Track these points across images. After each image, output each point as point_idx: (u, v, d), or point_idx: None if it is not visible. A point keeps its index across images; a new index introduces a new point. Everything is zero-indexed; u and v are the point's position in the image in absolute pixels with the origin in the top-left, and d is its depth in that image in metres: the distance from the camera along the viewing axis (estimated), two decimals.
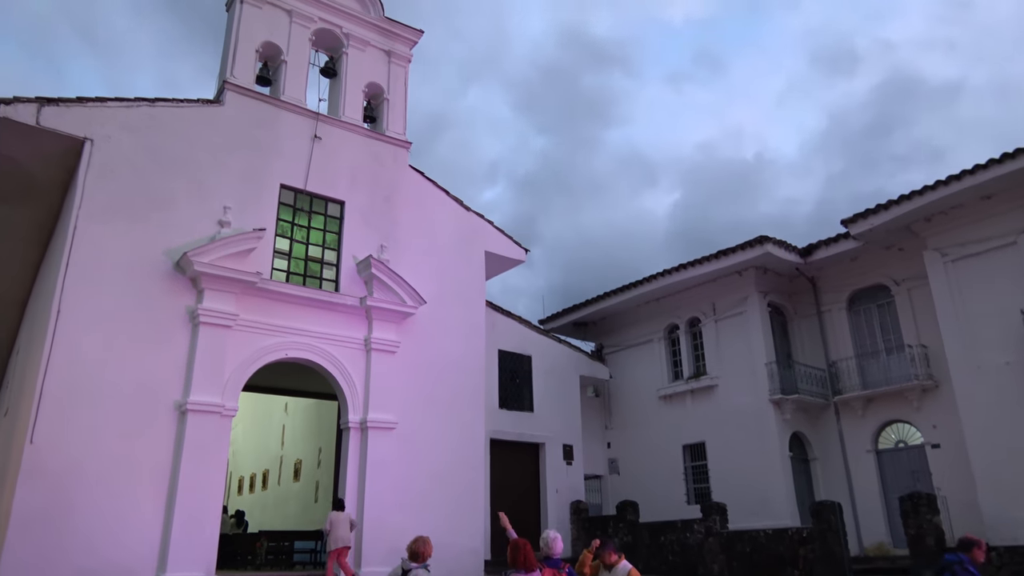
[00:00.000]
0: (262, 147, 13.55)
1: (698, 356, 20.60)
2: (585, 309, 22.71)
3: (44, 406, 10.46)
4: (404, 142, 15.63)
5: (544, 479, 18.52)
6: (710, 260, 19.11)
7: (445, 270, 15.41)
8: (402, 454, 13.55)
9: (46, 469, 10.26)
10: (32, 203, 13.56)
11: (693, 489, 19.84)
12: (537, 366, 19.25)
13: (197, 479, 11.28)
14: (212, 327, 12.01)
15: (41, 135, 11.49)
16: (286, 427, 21.17)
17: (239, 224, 12.73)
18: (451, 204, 16.14)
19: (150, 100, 12.60)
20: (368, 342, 13.70)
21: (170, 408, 11.46)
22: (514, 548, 6.22)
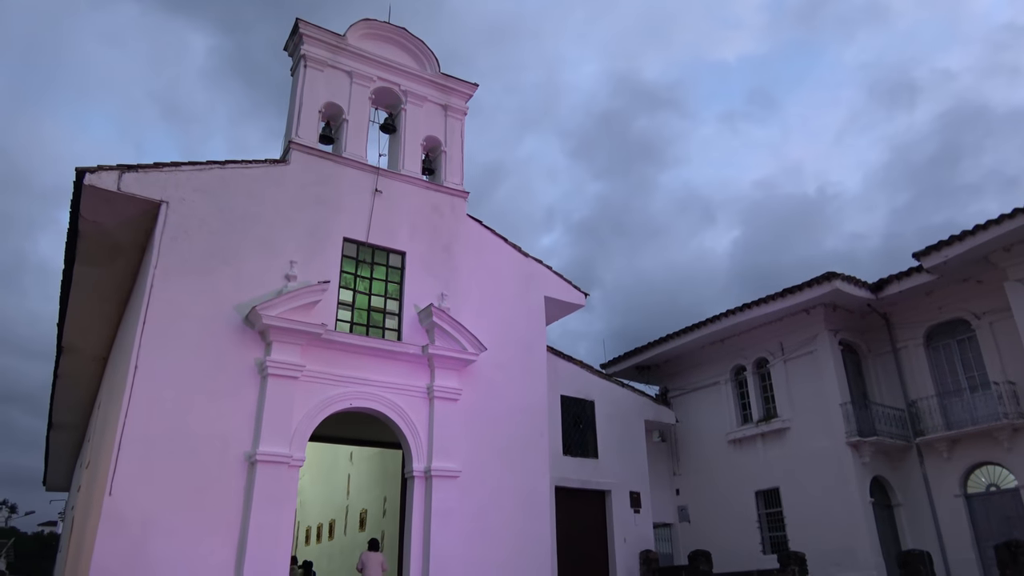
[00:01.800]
0: (326, 202, 14.01)
1: (767, 398, 19.95)
2: (648, 352, 22.37)
3: (122, 458, 10.84)
4: (462, 192, 15.92)
5: (611, 527, 18.04)
6: (776, 299, 18.64)
7: (505, 316, 15.47)
8: (466, 502, 13.45)
9: (124, 519, 10.57)
10: (113, 264, 14.31)
11: (768, 538, 19.01)
12: (600, 411, 18.95)
13: (266, 529, 11.42)
14: (280, 378, 12.30)
15: (121, 200, 12.18)
16: (351, 476, 21.31)
17: (304, 277, 13.11)
18: (509, 251, 16.28)
19: (221, 163, 13.23)
20: (431, 390, 13.78)
21: (240, 459, 11.71)
22: None
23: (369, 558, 13.65)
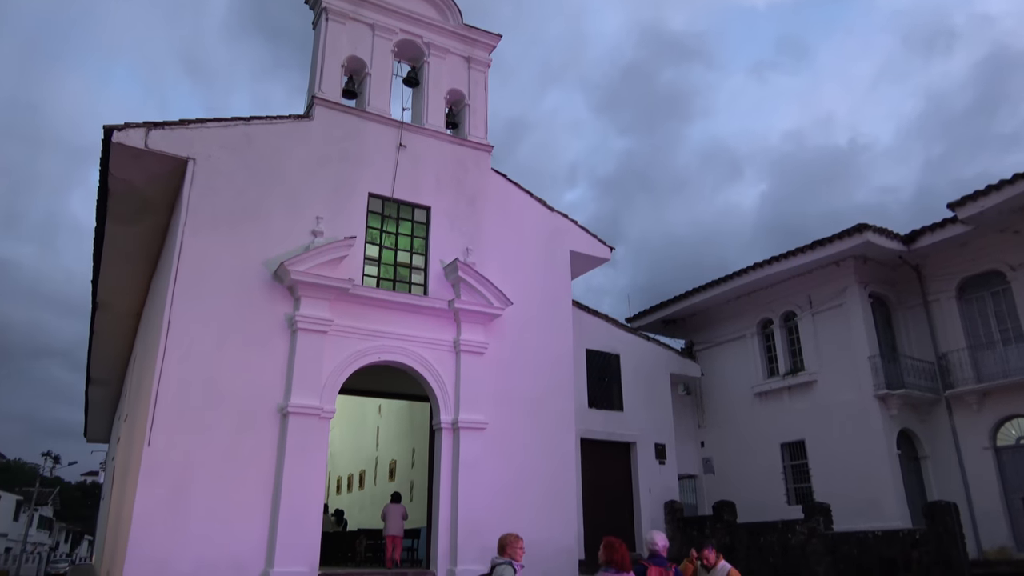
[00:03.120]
0: (350, 158, 14.00)
1: (794, 351, 19.86)
2: (673, 306, 22.30)
3: (159, 411, 11.16)
4: (486, 146, 15.80)
5: (636, 479, 18.28)
6: (805, 251, 18.39)
7: (531, 271, 15.48)
8: (494, 454, 13.68)
9: (163, 469, 10.94)
10: (144, 221, 14.51)
11: (793, 489, 19.14)
12: (626, 365, 19.03)
13: (299, 478, 11.76)
14: (309, 333, 12.50)
15: (149, 157, 12.28)
16: (380, 429, 21.74)
17: (331, 233, 13.20)
18: (534, 205, 16.20)
19: (246, 119, 13.24)
20: (457, 344, 13.92)
21: (273, 411, 12.00)
22: (608, 546, 6.10)
23: (390, 510, 14.62)
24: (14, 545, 53.02)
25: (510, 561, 6.30)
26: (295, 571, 11.22)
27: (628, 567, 6.00)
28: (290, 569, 11.20)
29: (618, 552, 6.03)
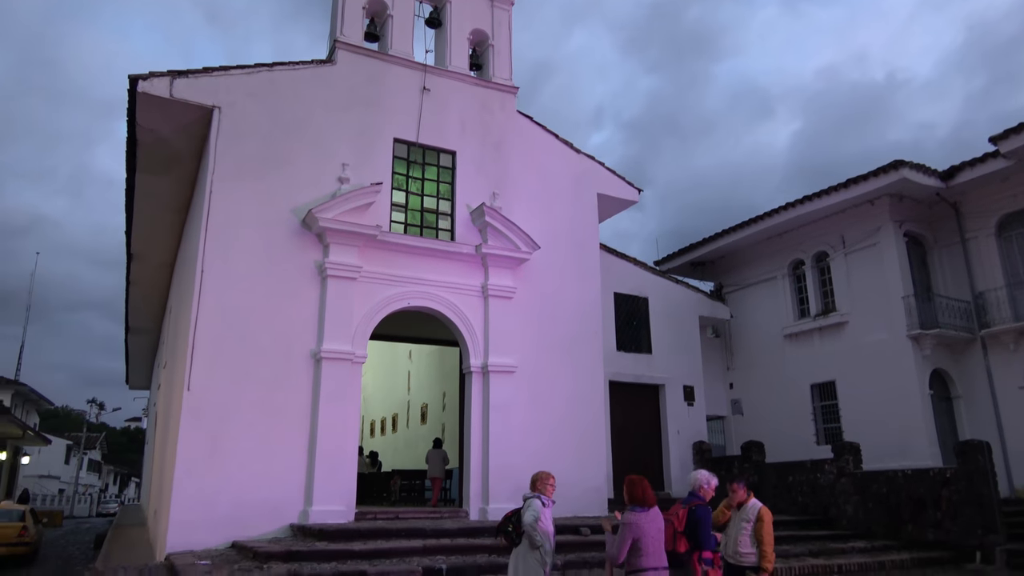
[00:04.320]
0: (374, 103, 13.87)
1: (826, 292, 19.62)
2: (702, 248, 22.06)
3: (197, 357, 11.43)
4: (511, 87, 15.53)
5: (665, 420, 18.44)
6: (839, 189, 17.97)
7: (558, 214, 15.37)
8: (523, 397, 13.86)
9: (203, 413, 11.27)
10: (172, 172, 14.61)
11: (823, 429, 19.17)
12: (654, 308, 18.99)
13: (334, 421, 12.06)
14: (339, 279, 12.62)
15: (175, 106, 12.27)
16: (411, 373, 22.11)
17: (357, 179, 13.18)
18: (561, 147, 15.98)
19: (268, 65, 13.12)
20: (485, 289, 13.97)
21: (306, 356, 12.23)
22: (631, 484, 6.19)
23: (432, 454, 15.47)
24: (67, 487, 55.55)
25: (540, 495, 6.46)
26: (333, 510, 11.60)
27: (652, 502, 6.11)
28: (328, 508, 11.58)
29: (639, 488, 6.16)
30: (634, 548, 5.90)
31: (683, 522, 6.32)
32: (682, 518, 6.32)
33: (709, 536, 6.25)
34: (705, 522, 6.28)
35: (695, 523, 6.26)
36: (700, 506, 6.38)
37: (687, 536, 6.27)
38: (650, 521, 6.01)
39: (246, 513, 11.09)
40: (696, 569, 6.09)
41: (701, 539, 6.21)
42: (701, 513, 6.31)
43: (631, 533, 5.91)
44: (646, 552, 5.89)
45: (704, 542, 6.20)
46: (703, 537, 6.21)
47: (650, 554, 5.90)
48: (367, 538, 10.63)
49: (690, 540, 6.23)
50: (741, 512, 7.01)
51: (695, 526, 6.25)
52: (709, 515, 6.38)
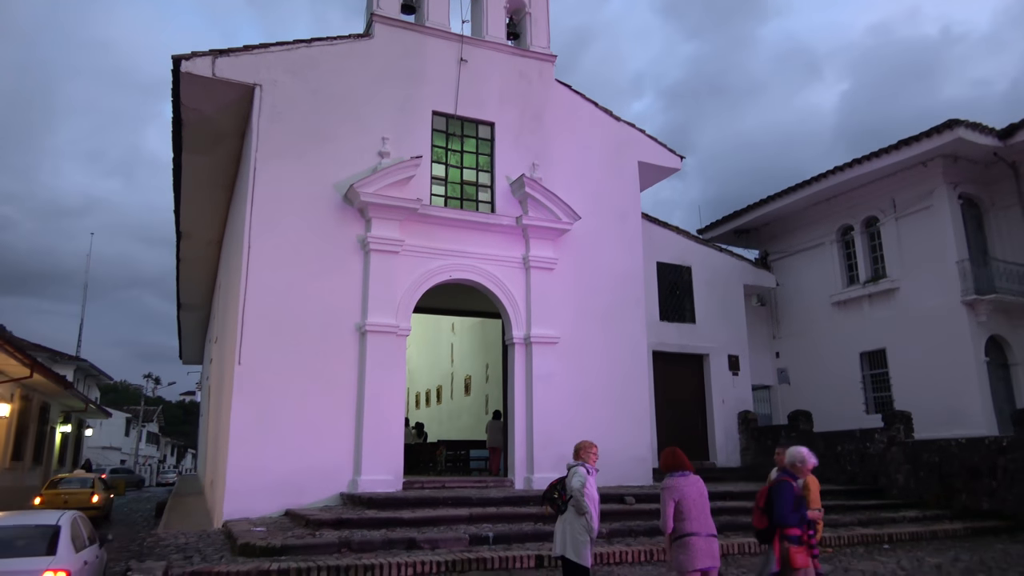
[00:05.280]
0: (412, 75, 13.85)
1: (876, 258, 19.10)
2: (747, 215, 21.63)
3: (246, 331, 11.72)
4: (549, 56, 15.33)
5: (709, 390, 18.30)
6: (890, 151, 17.38)
7: (599, 184, 15.23)
8: (566, 368, 13.89)
9: (254, 386, 11.58)
10: (217, 151, 14.86)
11: (872, 398, 18.80)
12: (698, 277, 18.76)
13: (380, 393, 12.27)
14: (381, 253, 12.75)
15: (218, 85, 12.45)
16: (454, 345, 22.32)
17: (397, 153, 13.23)
18: (601, 116, 15.77)
19: (307, 41, 13.19)
20: (526, 260, 13.96)
21: (352, 330, 12.43)
22: (668, 454, 6.25)
23: (491, 425, 15.72)
24: (127, 458, 57.87)
25: (584, 463, 6.50)
26: (381, 479, 11.87)
27: (688, 468, 6.15)
28: (376, 477, 11.84)
29: (673, 457, 6.23)
30: (678, 513, 5.94)
31: (764, 497, 6.17)
32: (763, 493, 6.18)
33: (788, 512, 5.99)
34: (783, 497, 6.04)
35: (772, 498, 6.07)
36: (781, 482, 6.17)
37: (767, 512, 6.09)
38: (690, 485, 6.05)
39: (298, 482, 11.42)
40: (775, 546, 5.90)
41: (777, 515, 5.98)
42: (780, 488, 6.11)
43: (671, 496, 5.98)
44: (689, 516, 5.91)
45: (781, 518, 5.96)
46: (780, 513, 5.97)
47: (694, 518, 5.91)
48: (415, 506, 10.86)
49: (769, 516, 6.03)
50: None
51: (773, 501, 6.05)
52: (790, 491, 6.10)
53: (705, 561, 5.87)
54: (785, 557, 5.91)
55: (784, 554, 5.92)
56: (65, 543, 6.78)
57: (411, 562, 8.25)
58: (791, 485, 6.14)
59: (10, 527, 7.12)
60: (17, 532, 6.96)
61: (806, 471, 6.33)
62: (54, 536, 6.81)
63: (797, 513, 6.05)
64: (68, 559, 6.55)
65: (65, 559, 6.52)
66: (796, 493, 6.12)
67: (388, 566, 8.12)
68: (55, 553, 6.56)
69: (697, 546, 5.85)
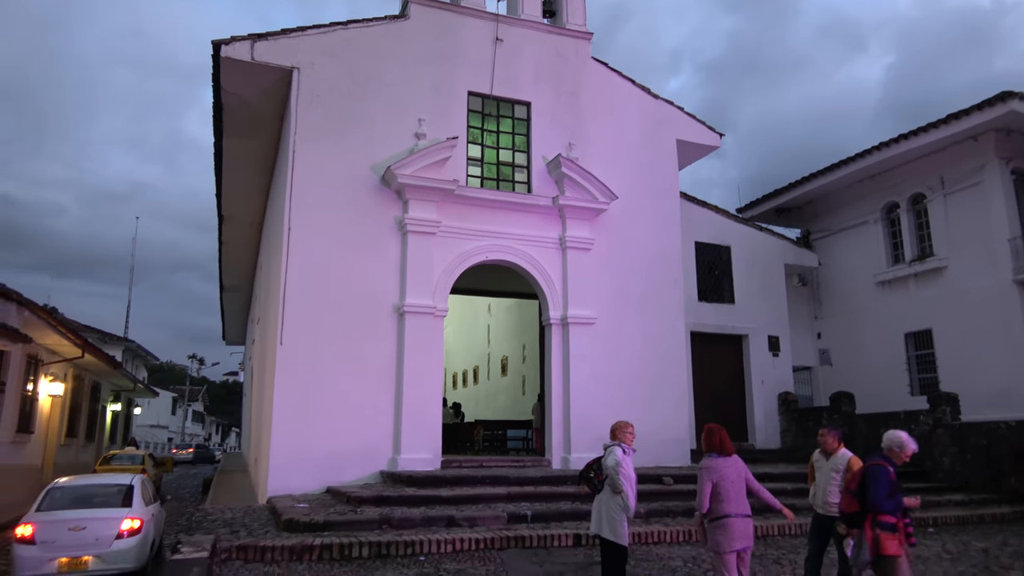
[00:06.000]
0: (448, 56, 13.82)
1: (923, 236, 18.57)
2: (788, 193, 21.18)
3: (287, 313, 11.93)
4: (585, 33, 15.14)
5: (748, 371, 18.09)
6: (938, 126, 16.82)
7: (636, 163, 15.06)
8: (603, 348, 13.86)
9: (296, 366, 11.80)
10: (257, 134, 15.06)
11: (917, 380, 18.38)
12: (737, 256, 18.49)
13: (419, 373, 12.41)
14: (418, 235, 12.82)
15: (256, 69, 12.59)
16: (491, 326, 22.41)
17: (433, 135, 13.24)
18: (638, 93, 15.56)
19: (343, 23, 13.24)
20: (563, 240, 13.91)
21: (390, 311, 12.57)
22: (708, 433, 6.18)
23: (536, 407, 15.87)
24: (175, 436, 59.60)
25: (620, 443, 6.50)
26: (420, 458, 12.02)
27: (730, 451, 6.08)
28: (415, 456, 12.01)
29: (716, 436, 6.14)
30: (715, 494, 5.92)
31: (856, 480, 5.87)
32: (856, 476, 5.90)
33: (883, 498, 5.64)
34: (878, 482, 5.68)
35: (867, 482, 5.72)
36: (874, 465, 5.84)
37: (859, 497, 5.77)
38: (728, 466, 6.01)
39: (339, 460, 11.64)
40: (867, 533, 5.62)
41: (871, 500, 5.63)
42: (872, 472, 5.77)
43: (708, 477, 5.95)
44: (726, 497, 5.88)
45: (876, 503, 5.61)
46: (874, 498, 5.62)
47: (731, 499, 5.88)
48: (453, 485, 10.99)
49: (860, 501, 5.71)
50: (831, 462, 6.86)
51: (867, 485, 5.71)
52: (885, 475, 5.73)
53: (742, 542, 5.86)
54: (877, 544, 5.61)
55: (876, 541, 5.62)
56: (137, 498, 8.40)
57: (450, 539, 8.37)
58: (887, 470, 5.79)
59: (96, 485, 8.82)
60: (101, 489, 8.60)
61: (904, 457, 5.92)
62: (129, 492, 8.44)
63: (892, 500, 5.70)
64: (140, 510, 8.18)
65: (138, 510, 8.15)
66: (892, 478, 5.75)
67: (428, 543, 8.26)
68: (131, 505, 8.19)
69: (734, 527, 5.84)
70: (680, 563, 8.28)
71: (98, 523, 7.75)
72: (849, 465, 6.75)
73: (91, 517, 7.82)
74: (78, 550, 7.53)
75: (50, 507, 8.04)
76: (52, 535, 7.54)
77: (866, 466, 5.90)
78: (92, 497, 8.35)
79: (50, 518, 7.80)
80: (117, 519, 7.82)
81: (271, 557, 7.81)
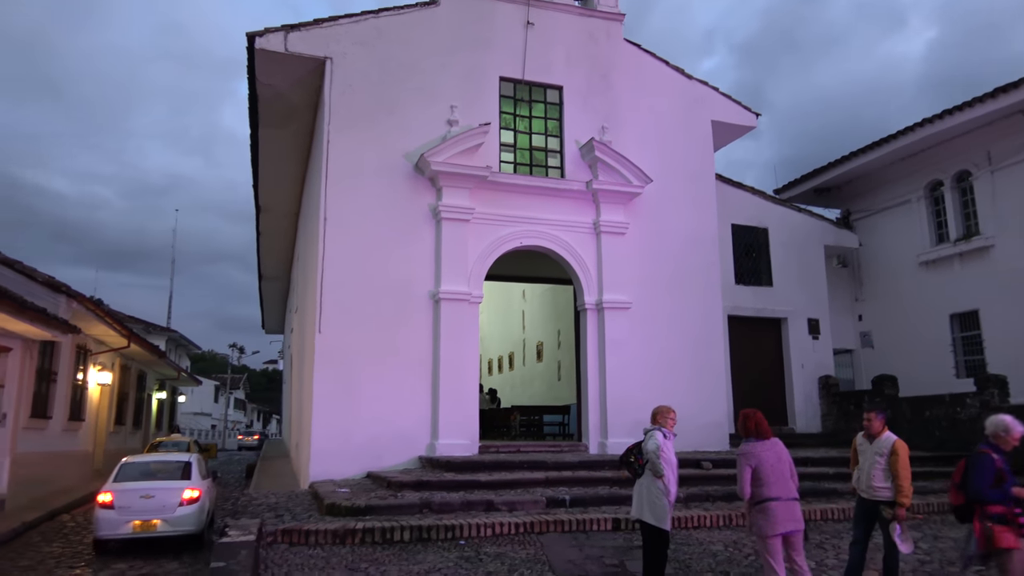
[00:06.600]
0: (479, 41, 13.77)
1: (968, 215, 18.05)
2: (827, 173, 20.72)
3: (325, 301, 12.09)
4: (617, 15, 14.96)
5: (788, 354, 17.85)
6: (984, 100, 16.28)
7: (670, 145, 14.88)
8: (639, 333, 13.78)
9: (335, 354, 11.97)
10: (292, 125, 15.22)
11: (963, 362, 17.93)
12: (775, 238, 18.20)
13: (455, 360, 12.49)
14: (453, 222, 12.86)
15: (290, 60, 12.70)
16: (525, 312, 22.42)
17: (465, 121, 13.24)
18: (671, 74, 15.34)
19: (375, 12, 13.27)
20: (597, 225, 13.83)
21: (426, 298, 12.65)
22: (745, 417, 6.13)
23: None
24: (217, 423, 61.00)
25: (661, 428, 6.46)
26: (458, 443, 12.12)
27: (767, 433, 6.03)
28: (453, 441, 12.11)
29: (752, 421, 6.09)
30: (756, 479, 5.87)
31: (960, 472, 5.62)
32: (960, 468, 5.64)
33: (985, 488, 5.36)
34: (980, 471, 5.42)
35: (968, 472, 5.48)
36: (979, 454, 5.57)
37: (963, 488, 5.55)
38: (767, 450, 5.95)
39: (378, 446, 11.80)
40: (976, 526, 5.42)
41: (972, 490, 5.39)
42: (973, 460, 5.53)
43: (746, 462, 5.91)
44: (767, 481, 5.83)
45: (978, 493, 5.36)
46: (976, 488, 5.37)
47: (772, 483, 5.83)
48: (491, 470, 11.07)
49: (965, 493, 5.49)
50: (874, 445, 6.72)
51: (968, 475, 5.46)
52: (990, 464, 5.47)
53: (787, 525, 5.79)
54: (988, 537, 5.35)
55: (986, 534, 5.36)
56: (195, 472, 9.97)
57: (490, 523, 8.44)
58: (991, 458, 5.51)
59: (159, 461, 10.56)
60: (163, 465, 10.26)
61: (1012, 441, 5.60)
62: (187, 467, 10.05)
63: (999, 489, 5.43)
64: (198, 482, 9.73)
65: (196, 482, 9.70)
66: (997, 466, 5.48)
67: (468, 527, 8.34)
68: (190, 478, 9.75)
69: (777, 511, 5.78)
70: (720, 547, 8.24)
71: (164, 492, 9.22)
72: (894, 448, 6.61)
73: (158, 487, 9.30)
74: (148, 514, 9.03)
75: (124, 479, 9.58)
76: (127, 501, 9.03)
77: (968, 455, 5.64)
78: (158, 471, 9.91)
79: (125, 488, 9.24)
80: (179, 489, 9.31)
81: (315, 540, 7.96)
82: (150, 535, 9.07)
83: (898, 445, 6.55)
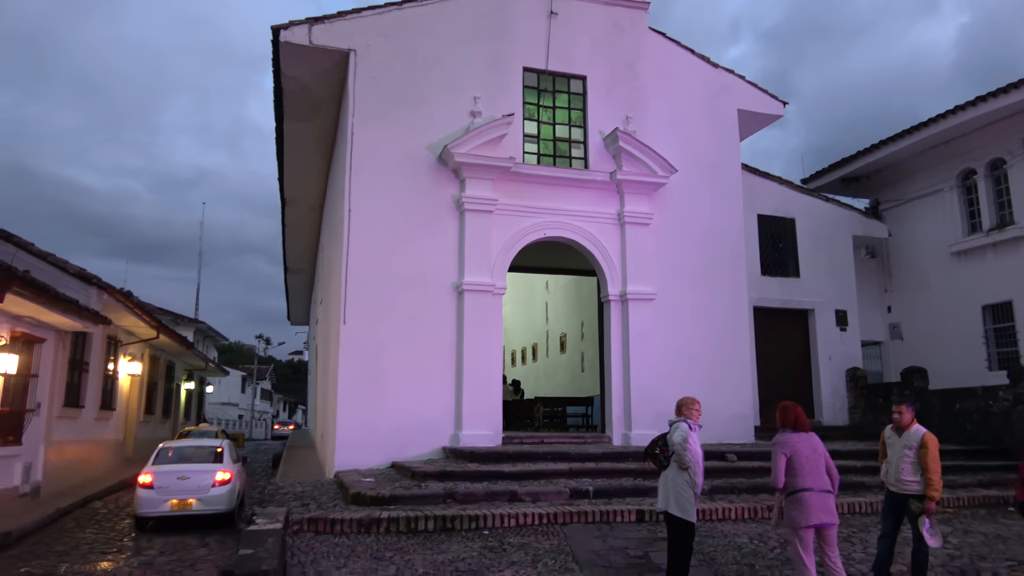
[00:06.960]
0: (501, 32, 13.72)
1: (1002, 204, 17.64)
2: (856, 162, 20.37)
3: (350, 293, 12.17)
4: (642, 3, 14.81)
5: (815, 346, 17.64)
6: (1019, 87, 15.87)
7: (695, 135, 14.73)
8: (663, 324, 13.70)
9: (359, 345, 12.05)
10: (316, 117, 15.30)
11: (996, 354, 17.58)
12: (802, 228, 17.96)
13: (479, 351, 12.51)
14: (476, 213, 12.86)
15: (314, 53, 12.76)
16: (548, 304, 22.40)
17: (488, 112, 13.21)
18: (697, 63, 15.16)
19: (398, 3, 13.27)
20: (621, 216, 13.75)
21: (449, 289, 12.68)
22: (783, 410, 6.09)
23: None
24: (244, 413, 61.86)
25: (686, 419, 6.42)
26: (481, 434, 12.17)
27: (805, 427, 6.00)
28: (477, 432, 12.15)
29: (792, 413, 6.08)
30: (790, 469, 5.85)
31: None
32: None
33: None
34: None
35: None
36: None
37: None
38: (802, 441, 5.93)
39: (403, 436, 11.88)
40: None
41: None
42: None
43: (782, 451, 5.90)
44: (802, 472, 5.80)
45: None
46: None
47: (807, 474, 5.79)
48: (515, 460, 11.09)
49: None
50: (903, 438, 6.63)
51: None
52: None
53: (821, 517, 5.75)
54: None
55: None
56: (227, 456, 10.75)
57: (513, 513, 8.47)
58: None
59: (192, 446, 11.30)
60: (196, 450, 11.01)
61: None
62: (219, 452, 10.84)
63: None
64: (229, 466, 10.48)
65: (228, 466, 10.44)
66: None
67: (492, 517, 8.37)
68: (221, 462, 10.51)
69: (810, 502, 5.74)
70: (746, 539, 8.18)
71: (199, 474, 10.03)
72: (923, 441, 6.52)
73: (193, 470, 10.10)
74: (185, 494, 9.81)
75: (161, 462, 10.37)
76: (165, 482, 9.82)
77: None
78: (192, 455, 10.73)
79: (163, 469, 10.05)
80: (212, 471, 10.11)
81: (340, 529, 8.05)
82: (186, 513, 9.79)
83: (927, 438, 6.45)
